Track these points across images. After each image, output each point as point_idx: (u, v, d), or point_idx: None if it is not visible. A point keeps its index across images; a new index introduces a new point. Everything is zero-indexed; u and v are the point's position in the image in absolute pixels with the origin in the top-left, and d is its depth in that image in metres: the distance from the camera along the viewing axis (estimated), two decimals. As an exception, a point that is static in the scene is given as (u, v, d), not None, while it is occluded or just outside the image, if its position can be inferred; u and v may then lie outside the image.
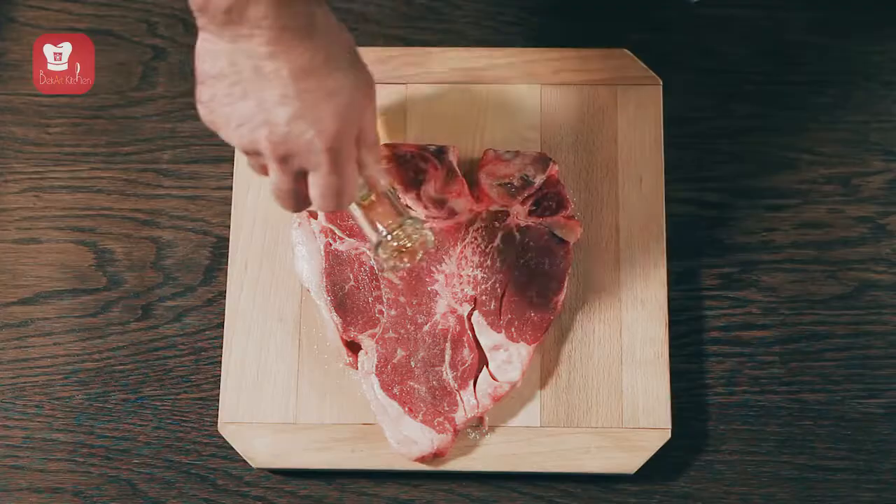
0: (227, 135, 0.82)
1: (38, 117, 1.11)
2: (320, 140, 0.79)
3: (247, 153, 0.83)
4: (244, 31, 0.77)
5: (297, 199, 0.84)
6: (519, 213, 1.03)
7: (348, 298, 1.01)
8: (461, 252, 1.02)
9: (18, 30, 1.14)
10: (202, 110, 0.82)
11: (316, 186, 0.82)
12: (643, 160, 1.06)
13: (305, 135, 0.79)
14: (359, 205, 0.89)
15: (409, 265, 0.92)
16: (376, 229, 0.89)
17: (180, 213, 1.09)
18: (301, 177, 0.82)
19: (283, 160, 0.81)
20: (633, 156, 1.06)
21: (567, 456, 1.00)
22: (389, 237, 0.89)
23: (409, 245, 0.90)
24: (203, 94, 0.81)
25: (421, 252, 0.91)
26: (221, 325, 1.04)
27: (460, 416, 0.99)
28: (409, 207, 0.96)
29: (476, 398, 1.00)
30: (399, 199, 0.91)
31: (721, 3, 1.13)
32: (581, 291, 1.03)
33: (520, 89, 1.08)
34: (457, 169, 1.03)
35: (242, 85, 0.79)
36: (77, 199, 1.09)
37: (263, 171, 0.84)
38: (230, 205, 1.06)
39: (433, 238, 0.92)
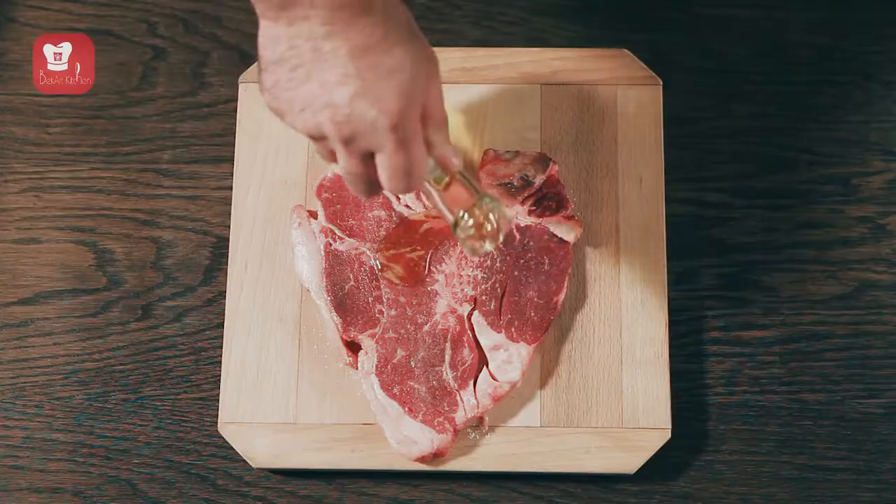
0: (292, 120, 0.81)
1: (38, 117, 1.11)
2: (384, 118, 0.78)
3: (313, 138, 0.82)
4: (300, 12, 0.76)
5: (368, 183, 0.83)
6: (519, 213, 1.03)
7: (348, 298, 1.01)
8: (461, 252, 1.02)
9: (18, 30, 1.14)
10: (266, 97, 0.81)
11: (383, 167, 0.80)
12: (643, 160, 1.06)
13: (368, 114, 0.78)
14: (432, 186, 0.87)
15: (491, 247, 0.90)
16: (452, 210, 0.88)
17: (180, 213, 1.09)
18: (369, 159, 0.81)
19: (348, 142, 0.79)
20: (633, 156, 1.06)
21: (567, 456, 1.00)
22: (465, 216, 0.88)
23: (488, 227, 0.88)
24: (266, 80, 0.80)
25: (503, 231, 0.89)
26: (221, 325, 1.04)
27: (460, 416, 0.99)
28: (486, 188, 0.94)
29: (476, 398, 1.00)
30: (474, 178, 0.89)
31: (721, 3, 1.13)
32: (581, 291, 1.03)
33: (520, 89, 1.08)
34: (457, 169, 1.03)
35: (304, 68, 0.78)
36: (77, 199, 1.09)
37: (332, 157, 0.83)
38: (230, 205, 1.06)
39: (513, 216, 0.90)
